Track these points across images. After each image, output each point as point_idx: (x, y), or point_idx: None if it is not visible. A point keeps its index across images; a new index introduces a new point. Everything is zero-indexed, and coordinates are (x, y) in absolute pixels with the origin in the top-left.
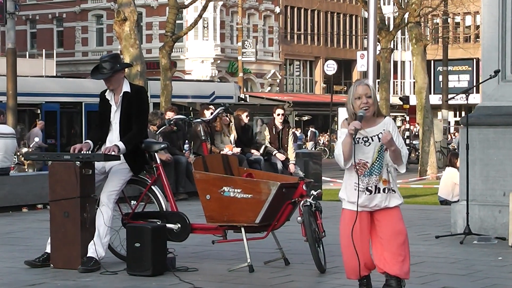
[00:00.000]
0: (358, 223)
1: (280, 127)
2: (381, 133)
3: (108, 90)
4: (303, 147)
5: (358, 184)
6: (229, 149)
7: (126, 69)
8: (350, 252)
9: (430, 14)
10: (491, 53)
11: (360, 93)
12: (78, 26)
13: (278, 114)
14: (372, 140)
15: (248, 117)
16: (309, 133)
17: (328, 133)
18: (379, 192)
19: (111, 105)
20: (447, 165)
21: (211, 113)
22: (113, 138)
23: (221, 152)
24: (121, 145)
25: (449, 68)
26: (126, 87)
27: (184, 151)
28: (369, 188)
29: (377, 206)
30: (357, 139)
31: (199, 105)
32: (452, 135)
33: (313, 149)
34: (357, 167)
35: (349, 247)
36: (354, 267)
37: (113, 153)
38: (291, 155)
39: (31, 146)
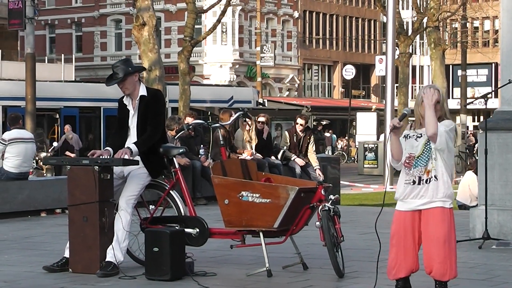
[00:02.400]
0: (403, 223)
1: (302, 134)
2: None
3: (125, 96)
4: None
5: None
6: (248, 154)
7: (144, 73)
8: (392, 252)
9: (448, 19)
10: (510, 58)
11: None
12: (97, 31)
13: (301, 124)
14: (423, 135)
15: (264, 124)
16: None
17: (346, 138)
18: (423, 183)
19: (129, 110)
20: (469, 169)
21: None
22: (131, 143)
23: (240, 157)
24: (134, 147)
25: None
26: (142, 91)
27: (199, 156)
28: (414, 180)
29: (419, 199)
30: (409, 136)
31: (218, 109)
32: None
33: (329, 153)
34: (407, 160)
35: (392, 246)
36: (393, 267)
37: (125, 156)
38: (315, 161)
39: (49, 150)
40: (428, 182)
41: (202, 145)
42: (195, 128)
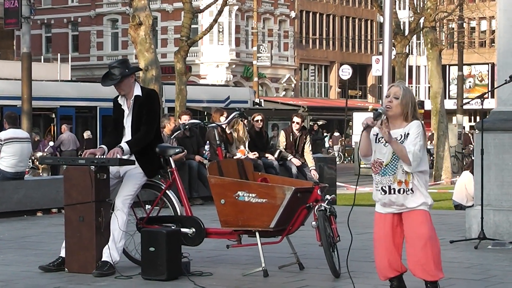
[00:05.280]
0: (382, 225)
1: (298, 134)
2: (400, 135)
3: (120, 95)
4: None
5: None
6: (242, 153)
7: (141, 73)
8: (376, 253)
9: (445, 19)
10: (507, 58)
11: (389, 93)
12: (93, 31)
13: (297, 122)
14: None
15: (262, 122)
16: (332, 137)
17: (343, 138)
18: (394, 193)
19: (123, 109)
20: (466, 169)
21: (226, 118)
22: None
23: (234, 157)
24: (125, 146)
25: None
26: (137, 91)
27: (204, 152)
28: (384, 188)
29: (396, 206)
30: (379, 139)
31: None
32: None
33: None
34: (374, 165)
35: (375, 248)
36: (379, 268)
37: (117, 155)
38: (311, 161)
39: (45, 150)
40: (401, 192)
41: (207, 141)
42: (190, 128)
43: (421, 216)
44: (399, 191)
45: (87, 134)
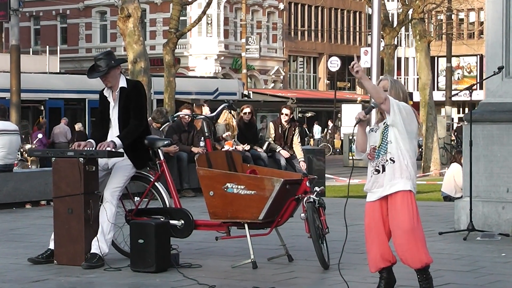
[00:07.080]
0: (372, 214)
1: (287, 126)
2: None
3: (106, 88)
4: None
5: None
6: (229, 146)
7: (129, 65)
8: (368, 244)
9: (434, 11)
10: (495, 50)
11: (380, 87)
12: (81, 23)
13: (286, 114)
14: (380, 126)
15: (250, 114)
16: (314, 129)
17: (331, 130)
18: (384, 169)
19: (109, 102)
20: (452, 161)
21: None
22: (114, 135)
23: (222, 149)
24: (117, 140)
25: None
26: (122, 83)
27: (200, 146)
28: (377, 168)
29: (379, 184)
30: (371, 130)
31: (203, 101)
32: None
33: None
34: (370, 153)
35: (367, 239)
36: (372, 258)
37: (108, 148)
38: (300, 153)
39: (34, 142)
40: (389, 165)
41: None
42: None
43: (400, 199)
44: (387, 167)
45: (78, 127)
